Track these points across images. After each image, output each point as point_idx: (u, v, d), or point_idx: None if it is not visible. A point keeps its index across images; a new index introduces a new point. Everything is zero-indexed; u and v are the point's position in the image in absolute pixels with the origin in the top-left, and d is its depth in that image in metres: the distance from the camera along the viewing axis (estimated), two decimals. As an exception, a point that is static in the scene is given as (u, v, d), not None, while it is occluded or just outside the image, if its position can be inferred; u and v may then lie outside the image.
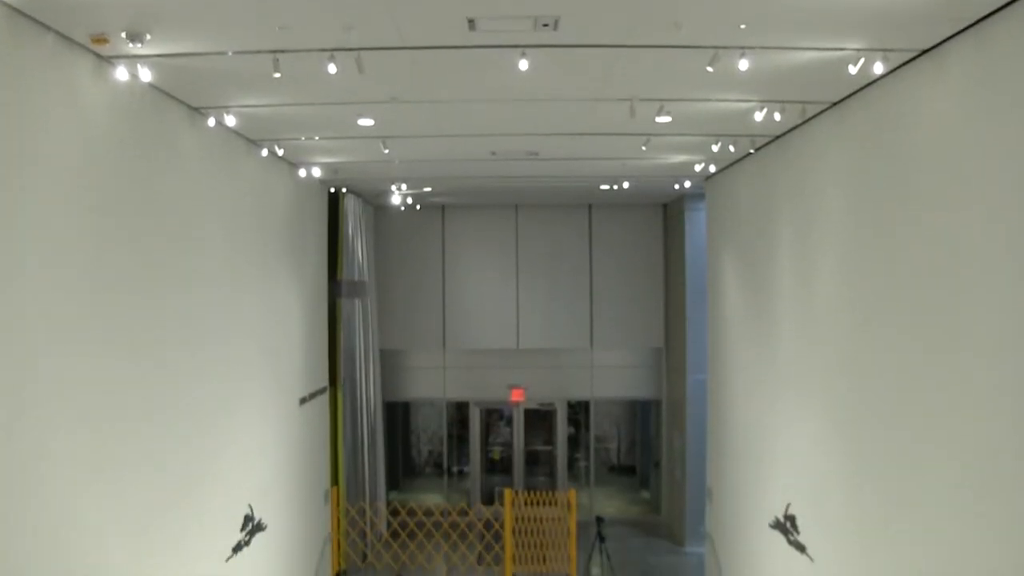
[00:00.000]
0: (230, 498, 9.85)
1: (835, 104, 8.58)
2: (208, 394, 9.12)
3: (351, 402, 15.95)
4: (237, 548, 9.97)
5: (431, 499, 19.98)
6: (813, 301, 9.41)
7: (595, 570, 15.31)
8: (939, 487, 6.59)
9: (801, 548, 9.74)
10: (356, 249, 15.93)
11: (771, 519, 10.79)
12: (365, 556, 15.67)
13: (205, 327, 9.06)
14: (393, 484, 20.07)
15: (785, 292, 10.40)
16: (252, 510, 10.46)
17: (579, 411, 20.73)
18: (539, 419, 20.59)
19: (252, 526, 10.47)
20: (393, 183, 14.91)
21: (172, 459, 8.14)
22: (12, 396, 5.64)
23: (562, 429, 19.87)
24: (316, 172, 12.78)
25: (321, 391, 14.22)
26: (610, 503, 20.25)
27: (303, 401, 12.99)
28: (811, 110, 8.87)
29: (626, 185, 14.76)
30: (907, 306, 7.15)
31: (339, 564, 15.08)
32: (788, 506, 10.19)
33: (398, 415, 21.22)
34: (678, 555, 16.75)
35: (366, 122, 9.40)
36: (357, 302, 15.97)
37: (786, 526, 10.24)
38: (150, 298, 7.69)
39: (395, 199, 16.25)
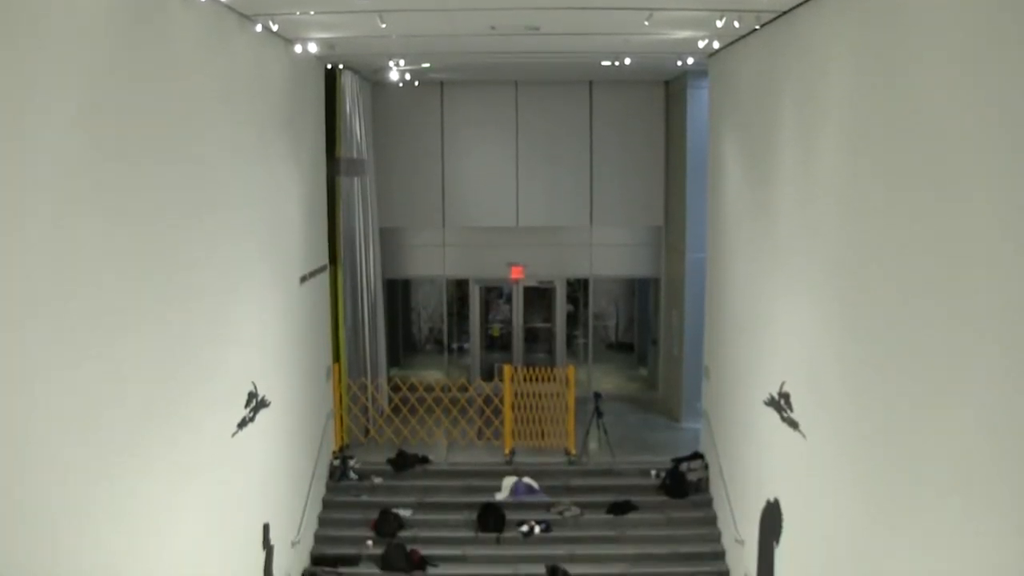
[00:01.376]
0: (233, 375, 9.99)
1: (845, -21, 8.36)
2: (208, 271, 9.13)
3: (351, 280, 16.02)
4: (242, 424, 10.16)
5: (431, 375, 20.27)
6: (814, 180, 9.35)
7: (593, 444, 15.65)
8: (937, 367, 6.66)
9: (794, 425, 9.93)
10: (354, 126, 15.74)
11: (765, 396, 10.97)
12: (367, 431, 16.00)
13: (204, 203, 8.98)
14: (394, 360, 20.31)
15: (786, 171, 10.33)
16: (256, 387, 10.62)
17: (578, 289, 20.84)
18: (538, 296, 20.72)
19: (256, 402, 10.65)
20: (391, 59, 14.63)
21: (174, 337, 8.21)
22: (13, 258, 5.66)
23: (561, 306, 20.00)
24: (312, 48, 12.51)
25: (321, 269, 14.27)
26: (608, 380, 20.54)
27: (303, 279, 13.05)
28: (820, -16, 8.65)
29: (628, 61, 14.48)
30: (909, 185, 7.10)
31: (342, 439, 15.41)
32: (783, 384, 10.34)
33: (398, 292, 21.34)
34: (674, 431, 17.07)
35: (362, -5, 9.17)
36: (356, 180, 15.88)
37: (780, 403, 10.42)
38: (146, 176, 7.60)
39: (393, 76, 15.97)
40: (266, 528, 11.16)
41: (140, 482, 7.44)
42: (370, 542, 13.79)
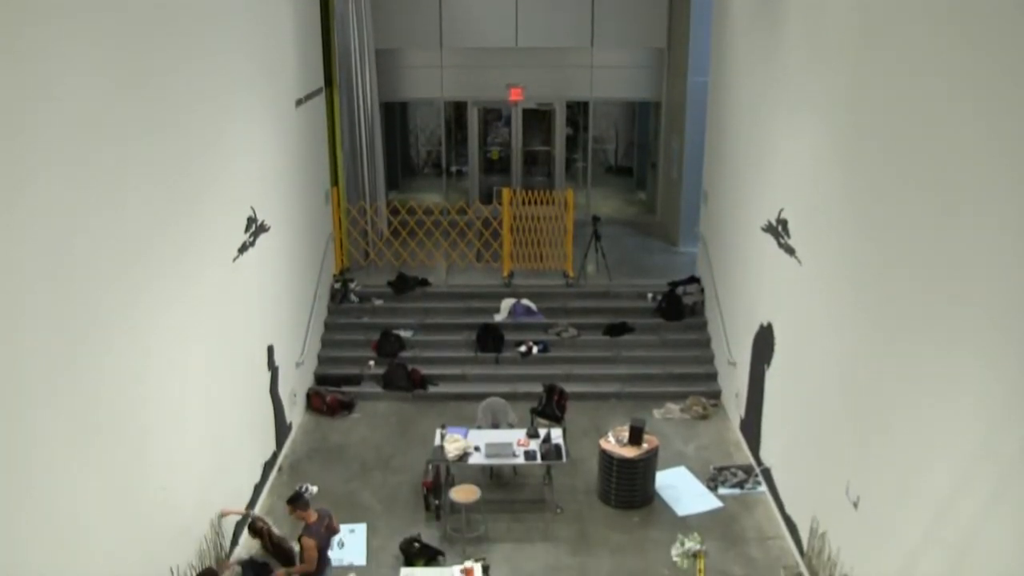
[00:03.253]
0: (232, 201, 9.98)
1: None
2: (199, 96, 8.95)
3: (348, 103, 15.80)
4: (242, 249, 10.24)
5: (430, 198, 20.25)
6: (823, 5, 9.09)
7: (590, 267, 15.80)
8: (937, 198, 6.67)
9: (791, 251, 10.02)
10: (347, -59, 15.16)
11: (763, 222, 11.02)
12: (367, 254, 16.13)
13: (187, 22, 8.67)
14: (392, 184, 20.27)
15: (794, -7, 10.03)
16: (254, 212, 10.64)
17: (578, 112, 20.56)
18: (537, 119, 20.48)
19: (255, 227, 10.69)
20: None
21: (169, 164, 8.16)
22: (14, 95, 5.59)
23: (560, 129, 19.78)
24: None
25: (317, 92, 14.02)
26: (606, 203, 20.55)
27: (299, 103, 12.85)
28: None
29: None
30: (918, 14, 6.92)
31: (342, 262, 15.56)
32: (781, 210, 10.37)
33: (396, 115, 21.06)
34: (671, 254, 17.21)
35: None
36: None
37: (778, 229, 10.48)
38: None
39: None
40: (270, 350, 11.43)
41: (144, 311, 7.56)
42: (372, 362, 14.15)
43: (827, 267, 8.95)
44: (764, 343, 11.14)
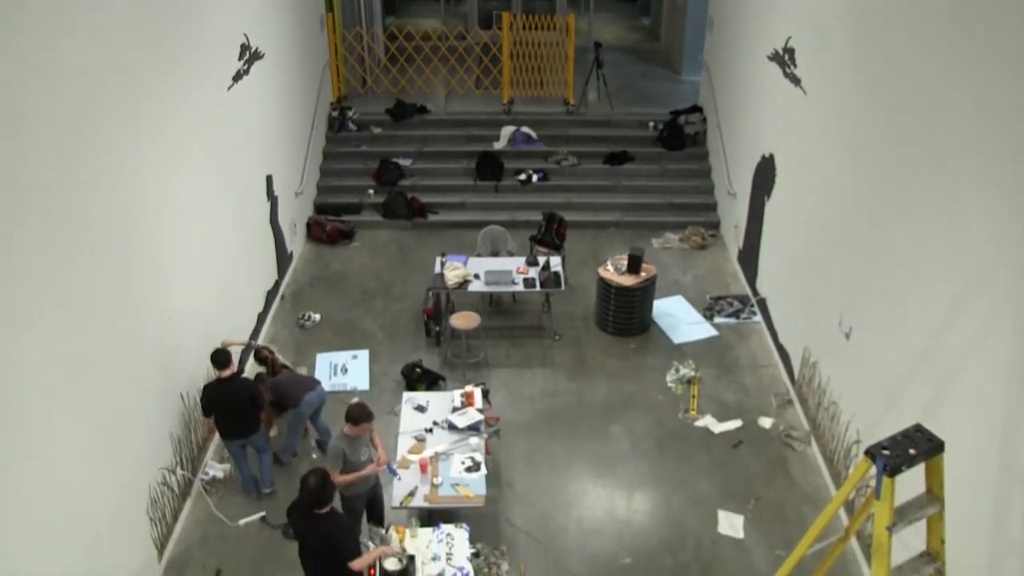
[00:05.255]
0: (224, 27, 9.73)
1: None
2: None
3: (341, -80, 15.22)
4: (237, 77, 10.05)
5: (428, 24, 19.77)
6: None
7: (591, 95, 15.57)
8: (943, 33, 6.53)
9: (796, 81, 9.86)
10: None
11: (769, 51, 10.80)
12: (364, 82, 15.85)
13: None
14: (390, 9, 19.74)
15: None
16: (247, 39, 10.40)
17: (581, -69, 19.83)
18: (537, -60, 19.80)
19: (249, 55, 10.47)
20: None
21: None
22: None
23: (562, -50, 19.13)
24: None
25: (309, -91, 13.47)
26: (609, 29, 20.09)
27: (291, -79, 12.37)
28: None
29: None
30: None
31: (339, 90, 15.30)
32: (788, 39, 10.14)
33: (391, -67, 20.34)
34: (674, 83, 16.94)
35: None
36: None
37: (784, 58, 10.28)
38: None
39: None
40: (269, 179, 11.38)
41: (141, 143, 7.48)
42: (371, 191, 14.14)
43: (832, 98, 8.82)
44: (765, 174, 11.11)
